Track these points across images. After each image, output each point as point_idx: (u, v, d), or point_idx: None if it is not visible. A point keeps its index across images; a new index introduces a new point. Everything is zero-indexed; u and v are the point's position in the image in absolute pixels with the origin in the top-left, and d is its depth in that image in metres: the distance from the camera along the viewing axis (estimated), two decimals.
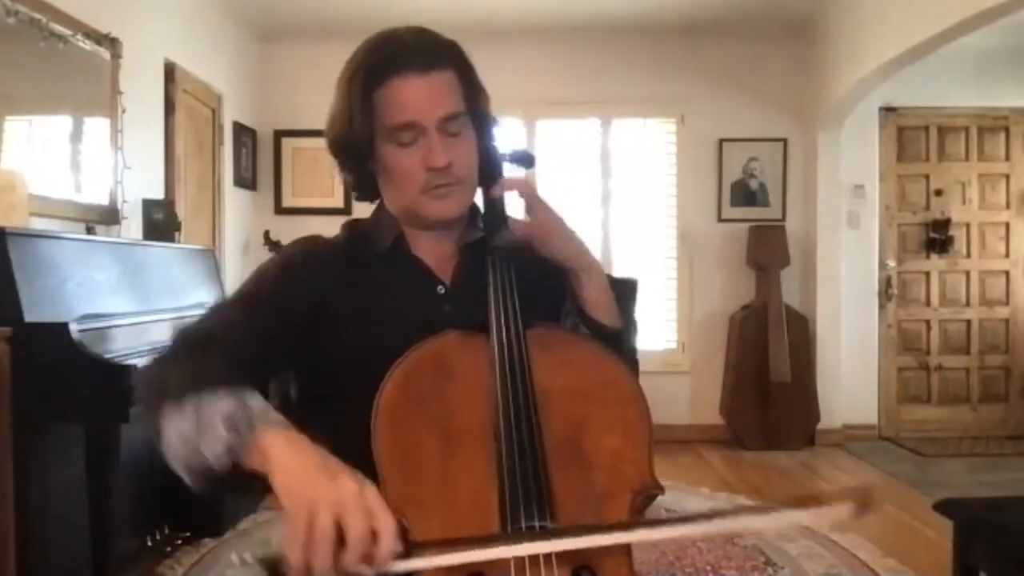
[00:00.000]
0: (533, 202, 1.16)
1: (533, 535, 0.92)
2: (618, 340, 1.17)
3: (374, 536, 0.82)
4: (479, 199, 1.23)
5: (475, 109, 1.17)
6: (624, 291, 1.24)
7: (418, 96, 1.10)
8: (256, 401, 0.94)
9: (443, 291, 1.19)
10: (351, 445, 0.95)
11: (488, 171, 1.21)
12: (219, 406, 0.91)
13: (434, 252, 1.21)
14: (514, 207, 1.21)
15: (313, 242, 1.21)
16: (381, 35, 1.15)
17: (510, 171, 1.25)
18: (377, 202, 1.26)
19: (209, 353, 1.03)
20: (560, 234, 1.16)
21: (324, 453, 0.89)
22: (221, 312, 1.15)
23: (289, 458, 0.88)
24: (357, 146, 1.14)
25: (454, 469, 0.98)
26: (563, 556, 0.92)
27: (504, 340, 1.06)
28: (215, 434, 0.90)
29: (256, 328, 1.09)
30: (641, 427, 1.06)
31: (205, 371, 0.97)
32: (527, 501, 0.95)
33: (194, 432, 0.90)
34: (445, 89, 1.12)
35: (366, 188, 1.22)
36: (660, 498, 1.06)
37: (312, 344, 1.12)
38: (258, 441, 0.89)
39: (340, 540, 0.81)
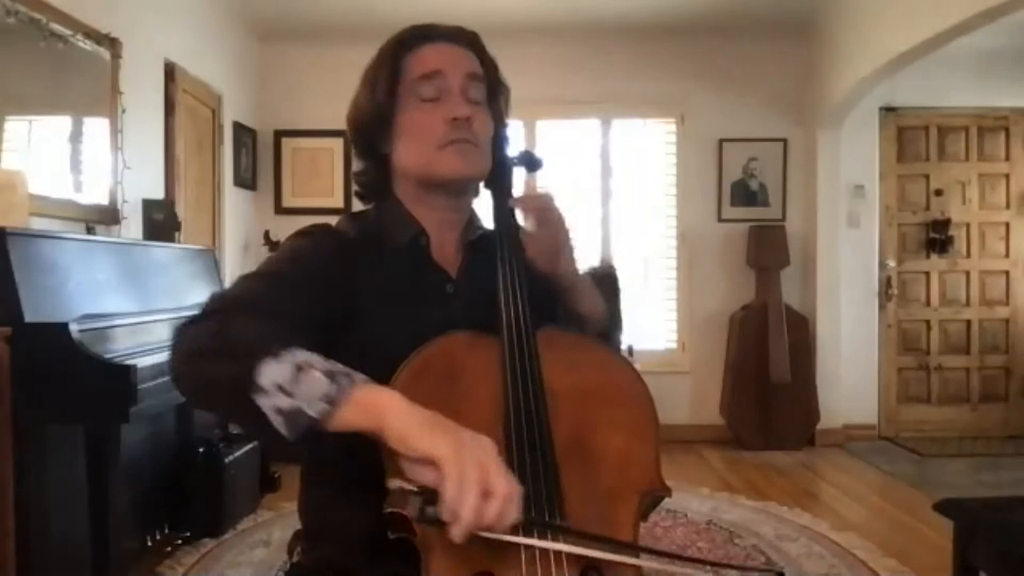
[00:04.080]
0: (552, 217, 1.18)
1: (558, 529, 0.93)
2: (608, 333, 1.22)
3: (513, 488, 0.85)
4: (481, 199, 1.24)
5: (493, 99, 1.22)
6: (607, 287, 1.27)
7: (445, 53, 1.16)
8: (339, 364, 0.91)
9: (452, 290, 1.19)
10: (362, 446, 0.95)
11: (497, 173, 1.21)
12: (314, 358, 0.89)
13: (440, 249, 1.21)
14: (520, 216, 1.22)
15: (332, 231, 1.19)
16: (411, 25, 1.21)
17: (518, 174, 1.25)
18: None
19: (271, 318, 0.98)
20: (566, 254, 1.18)
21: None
22: (259, 287, 1.07)
23: (411, 410, 0.88)
24: (379, 110, 1.15)
25: None
26: (572, 556, 0.92)
27: (514, 341, 1.06)
28: (315, 384, 0.87)
29: (292, 306, 1.05)
30: (648, 429, 1.06)
31: (276, 328, 0.94)
32: (537, 500, 0.95)
33: (291, 381, 0.87)
34: (470, 57, 1.19)
35: (376, 180, 1.22)
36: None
37: (328, 337, 1.08)
38: (361, 395, 0.88)
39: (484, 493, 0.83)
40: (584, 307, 1.20)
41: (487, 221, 1.24)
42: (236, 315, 0.97)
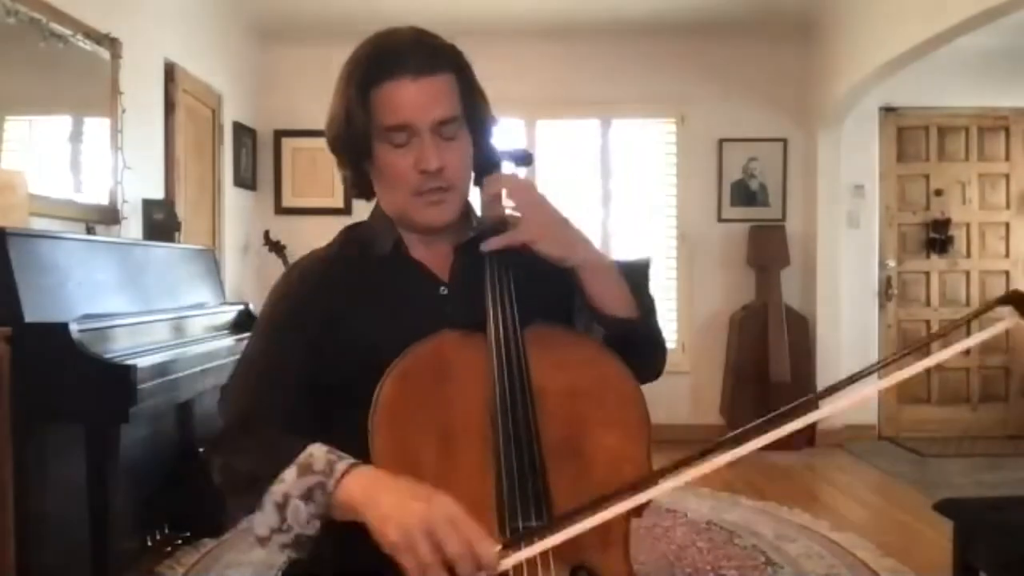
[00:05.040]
0: (521, 201, 1.14)
1: (530, 534, 0.92)
2: (636, 328, 1.14)
3: (471, 543, 0.87)
4: (476, 198, 1.23)
5: (472, 112, 1.16)
6: (636, 276, 1.21)
7: (412, 99, 1.09)
8: (318, 457, 0.96)
9: (445, 292, 1.19)
10: (360, 454, 0.96)
11: (485, 172, 1.20)
12: (289, 485, 0.95)
13: (431, 252, 1.20)
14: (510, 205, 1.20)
15: (308, 261, 1.21)
16: (379, 36, 1.15)
17: (507, 170, 1.25)
18: (375, 201, 1.26)
19: (257, 428, 1.06)
20: (550, 236, 1.12)
21: (396, 480, 0.93)
22: (249, 376, 1.15)
23: (370, 501, 0.91)
24: (354, 145, 1.14)
25: (452, 468, 0.98)
26: (561, 555, 0.92)
27: (502, 340, 1.05)
28: (298, 512, 0.94)
29: (289, 379, 1.11)
30: (639, 426, 1.06)
31: (263, 454, 1.00)
32: (524, 500, 0.95)
33: (279, 521, 0.95)
34: (440, 93, 1.11)
35: (363, 187, 1.22)
36: (660, 498, 1.06)
37: (330, 359, 1.12)
38: (337, 499, 0.93)
39: (446, 562, 0.87)
40: (594, 288, 1.13)
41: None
42: (236, 444, 1.06)
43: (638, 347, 1.12)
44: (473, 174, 1.20)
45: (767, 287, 5.00)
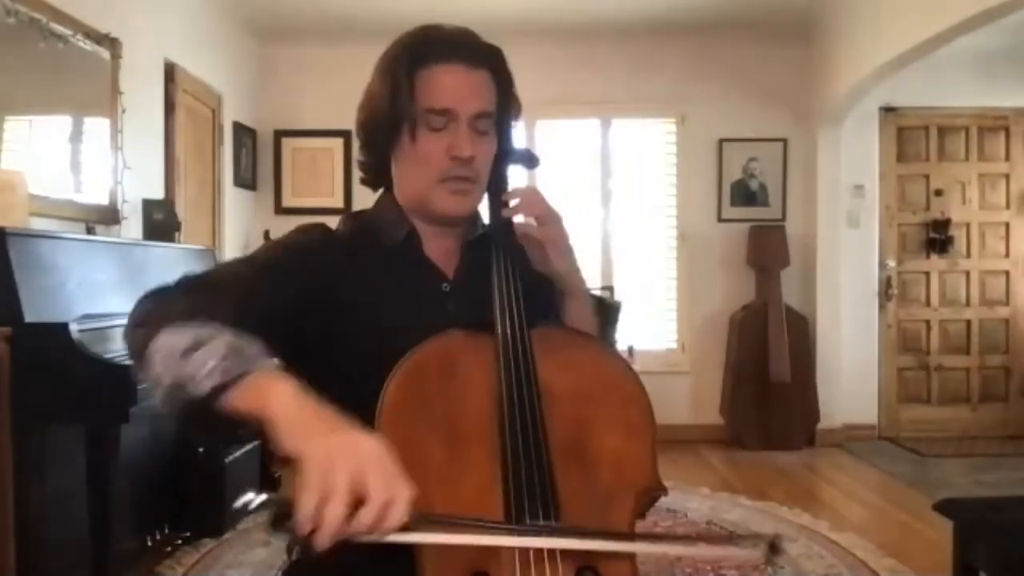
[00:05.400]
0: (544, 213, 1.17)
1: (537, 529, 0.93)
2: None
3: (394, 492, 0.79)
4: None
5: (503, 116, 1.19)
6: (607, 314, 1.26)
7: (459, 86, 1.13)
8: (259, 347, 0.90)
9: (447, 289, 1.19)
10: None
11: (496, 174, 1.21)
12: (222, 336, 0.89)
13: (438, 248, 1.21)
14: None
15: (324, 229, 1.21)
16: (428, 25, 1.18)
17: (514, 171, 1.25)
18: (379, 194, 1.26)
19: (217, 296, 1.01)
20: (562, 251, 1.17)
21: (332, 408, 0.85)
22: (229, 267, 1.14)
23: (296, 402, 0.84)
24: (390, 123, 1.14)
25: (458, 468, 0.98)
26: (568, 554, 0.93)
27: (509, 340, 1.06)
28: (211, 353, 0.87)
29: (262, 289, 1.07)
30: (644, 428, 1.06)
31: (212, 308, 0.96)
32: (532, 500, 0.95)
33: (189, 348, 0.87)
34: (483, 87, 1.15)
35: (379, 175, 1.23)
36: (661, 498, 1.06)
37: (313, 332, 1.10)
38: (258, 377, 0.86)
39: (354, 500, 0.77)
40: (571, 315, 1.20)
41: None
42: (185, 291, 1.01)
43: None
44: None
45: (767, 287, 5.00)
